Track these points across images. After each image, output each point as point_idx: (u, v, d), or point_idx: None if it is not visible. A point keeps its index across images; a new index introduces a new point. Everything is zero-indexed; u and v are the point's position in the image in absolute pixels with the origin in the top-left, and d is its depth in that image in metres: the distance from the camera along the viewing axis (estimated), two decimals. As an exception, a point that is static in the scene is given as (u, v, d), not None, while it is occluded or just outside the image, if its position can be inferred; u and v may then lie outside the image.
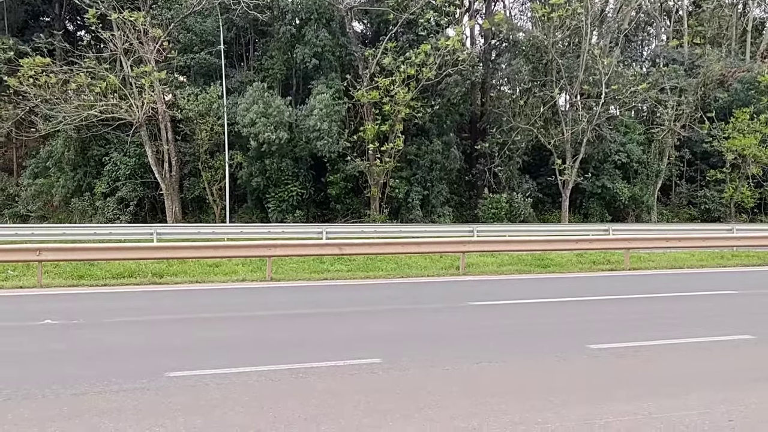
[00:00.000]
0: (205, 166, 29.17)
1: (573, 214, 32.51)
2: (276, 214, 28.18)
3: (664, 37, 39.24)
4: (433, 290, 12.57)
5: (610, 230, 22.87)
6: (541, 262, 16.70)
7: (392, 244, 15.88)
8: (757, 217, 35.50)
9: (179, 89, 29.03)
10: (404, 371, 6.28)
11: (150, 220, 29.21)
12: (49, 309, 9.85)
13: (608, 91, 30.08)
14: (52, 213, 30.72)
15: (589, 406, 5.28)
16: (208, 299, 11.38)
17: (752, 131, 31.29)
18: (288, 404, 5.27)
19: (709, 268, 16.39)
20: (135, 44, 27.06)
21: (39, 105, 27.63)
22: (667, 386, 5.85)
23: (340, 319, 9.39)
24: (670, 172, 35.32)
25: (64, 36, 30.87)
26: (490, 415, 5.03)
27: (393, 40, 28.06)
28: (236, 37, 31.27)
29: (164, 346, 7.49)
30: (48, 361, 6.69)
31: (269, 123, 25.99)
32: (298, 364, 6.44)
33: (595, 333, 8.16)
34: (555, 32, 30.27)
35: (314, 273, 14.60)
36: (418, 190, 29.51)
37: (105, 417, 4.97)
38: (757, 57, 36.72)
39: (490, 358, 6.80)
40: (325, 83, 27.77)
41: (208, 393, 5.57)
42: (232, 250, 14.87)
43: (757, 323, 8.96)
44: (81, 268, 14.49)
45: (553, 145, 30.87)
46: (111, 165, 29.07)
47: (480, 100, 35.82)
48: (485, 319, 9.32)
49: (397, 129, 27.72)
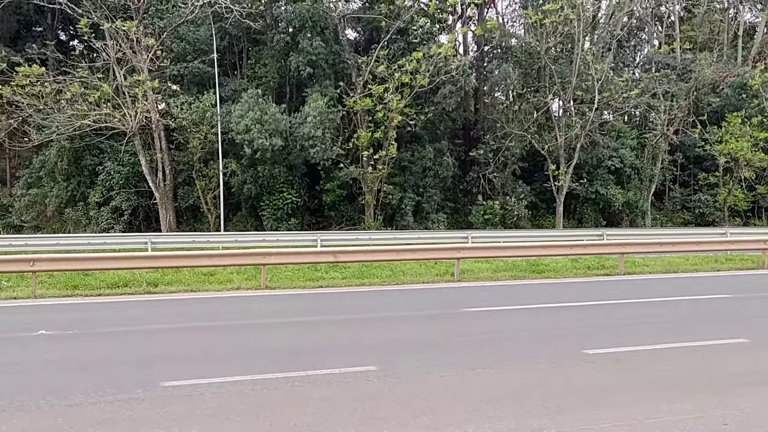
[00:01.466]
0: (199, 175, 29.12)
1: (567, 219, 32.57)
2: (270, 222, 28.14)
3: (656, 42, 39.48)
4: (428, 297, 12.56)
5: (604, 235, 22.95)
6: (536, 267, 16.68)
7: (387, 251, 15.90)
8: (750, 220, 35.63)
9: (173, 98, 29.00)
10: (400, 378, 6.28)
11: (144, 230, 29.13)
12: (43, 319, 9.81)
13: (601, 97, 30.25)
14: (46, 223, 30.60)
15: (585, 411, 5.28)
16: (203, 308, 11.35)
17: (744, 135, 31.46)
18: (284, 413, 5.27)
19: (703, 272, 16.42)
20: (128, 53, 27.04)
21: (32, 115, 27.58)
22: (663, 391, 5.87)
23: (335, 326, 9.38)
24: (664, 177, 35.42)
25: (57, 46, 30.83)
26: (485, 422, 5.03)
27: (386, 48, 28.15)
28: (229, 46, 31.28)
29: (159, 355, 7.47)
30: (42, 372, 6.66)
31: (264, 130, 25.98)
32: (294, 373, 6.43)
33: (591, 338, 8.18)
34: (548, 38, 30.42)
35: (309, 281, 14.58)
36: (411, 196, 29.53)
37: (100, 428, 4.95)
38: (749, 61, 36.93)
39: (485, 364, 6.81)
40: (319, 91, 27.79)
41: (204, 402, 5.55)
42: (226, 258, 14.86)
43: (751, 327, 9.00)
44: (75, 278, 14.43)
45: (546, 151, 30.96)
46: (105, 174, 29.00)
47: (474, 106, 35.93)
48: (480, 325, 9.33)
49: (390, 136, 27.76)
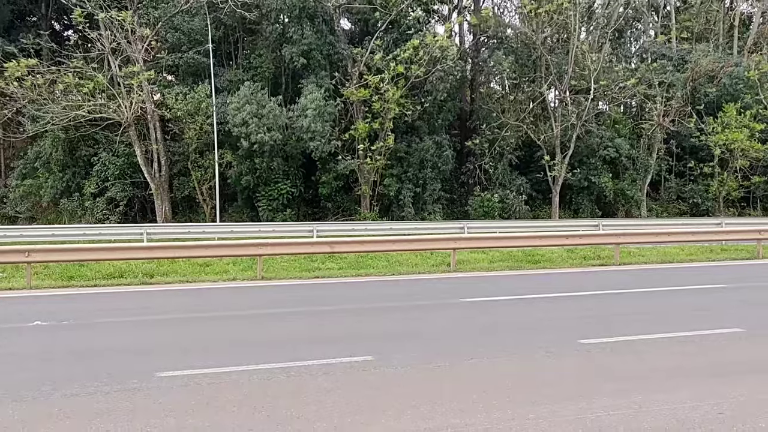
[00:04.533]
0: (195, 166, 29.03)
1: (563, 210, 32.63)
2: (266, 212, 28.10)
3: (653, 32, 39.38)
4: (424, 287, 12.57)
5: (600, 225, 22.96)
6: (531, 258, 16.71)
7: (383, 242, 15.88)
8: (745, 210, 35.72)
9: (168, 89, 28.88)
10: (396, 368, 6.30)
11: (140, 220, 29.09)
12: (39, 310, 9.80)
13: (597, 87, 30.21)
14: (41, 214, 30.50)
15: (581, 400, 5.30)
16: (199, 299, 11.35)
17: (740, 126, 31.49)
18: (281, 403, 5.27)
19: (698, 263, 16.47)
20: (123, 44, 26.88)
21: (26, 105, 27.42)
22: (658, 380, 5.90)
23: (331, 317, 9.39)
24: (659, 167, 35.46)
25: (51, 36, 30.61)
26: (482, 411, 5.05)
27: (380, 39, 28.02)
28: (224, 36, 31.10)
29: (155, 346, 7.46)
30: (38, 363, 6.65)
31: (262, 124, 25.88)
32: (291, 363, 6.44)
33: (587, 328, 8.20)
34: (543, 28, 30.34)
35: (305, 271, 14.58)
36: (409, 187, 29.49)
37: (96, 418, 4.95)
38: (745, 51, 36.92)
39: (481, 354, 6.83)
40: (314, 82, 27.67)
41: (201, 393, 5.56)
42: (222, 249, 14.85)
43: (746, 317, 9.03)
44: (71, 269, 14.42)
45: (542, 141, 30.96)
46: (100, 165, 28.89)
47: (470, 96, 35.83)
48: (477, 315, 9.34)
49: (387, 127, 27.69)
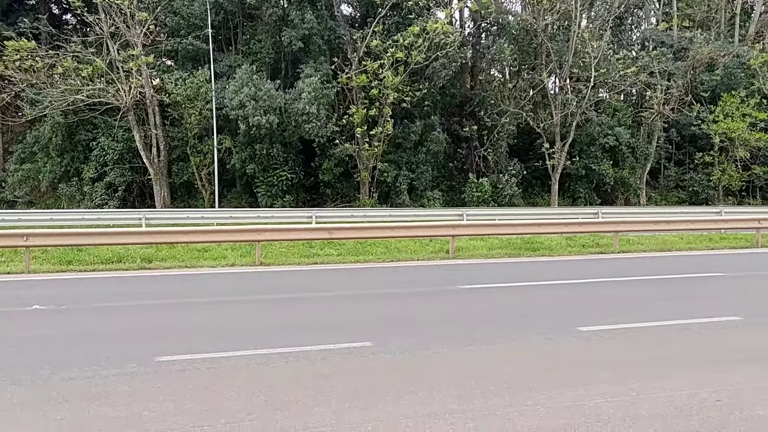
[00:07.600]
0: (194, 151, 28.97)
1: (562, 197, 32.63)
2: (265, 198, 28.09)
3: (654, 20, 39.19)
4: (423, 274, 12.56)
5: (599, 213, 22.98)
6: (530, 245, 16.70)
7: (382, 228, 15.86)
8: (744, 199, 35.75)
9: (167, 73, 28.75)
10: (395, 354, 6.30)
11: (138, 205, 29.09)
12: (37, 295, 9.80)
13: (597, 75, 30.09)
14: (40, 198, 30.47)
15: (579, 387, 5.31)
16: (198, 284, 11.35)
17: (741, 115, 31.42)
18: (279, 388, 5.27)
19: (697, 251, 16.50)
20: (121, 28, 26.75)
21: (25, 90, 27.33)
22: (656, 367, 5.90)
23: (330, 303, 9.39)
24: (659, 155, 35.45)
25: (50, 20, 30.46)
26: (480, 397, 5.05)
27: (381, 24, 27.86)
28: (224, 21, 30.93)
29: (154, 330, 7.46)
30: (37, 347, 6.65)
31: (258, 107, 25.79)
32: (289, 348, 6.44)
33: (585, 315, 8.21)
34: (544, 15, 30.17)
35: (304, 257, 14.58)
36: (406, 174, 29.45)
37: (95, 402, 4.95)
38: (746, 40, 36.76)
39: (480, 340, 6.83)
40: (313, 67, 27.57)
41: (199, 377, 5.56)
42: (221, 234, 14.84)
43: (744, 305, 9.04)
44: (69, 254, 14.39)
45: (542, 129, 30.88)
46: (99, 150, 28.83)
47: (469, 83, 35.70)
48: (475, 302, 9.35)
49: (386, 113, 27.60)
